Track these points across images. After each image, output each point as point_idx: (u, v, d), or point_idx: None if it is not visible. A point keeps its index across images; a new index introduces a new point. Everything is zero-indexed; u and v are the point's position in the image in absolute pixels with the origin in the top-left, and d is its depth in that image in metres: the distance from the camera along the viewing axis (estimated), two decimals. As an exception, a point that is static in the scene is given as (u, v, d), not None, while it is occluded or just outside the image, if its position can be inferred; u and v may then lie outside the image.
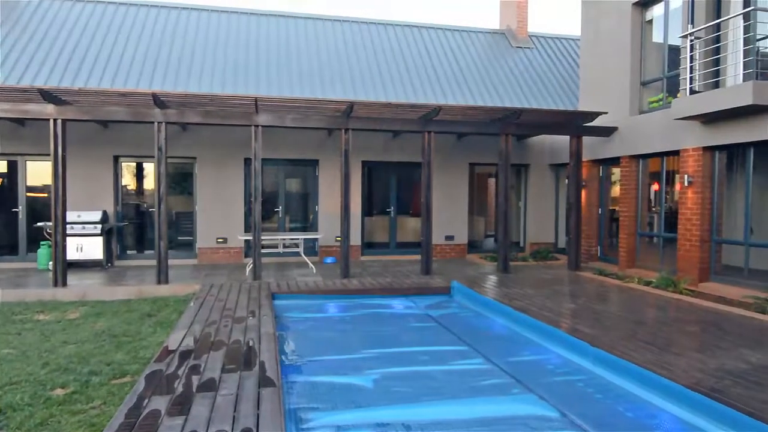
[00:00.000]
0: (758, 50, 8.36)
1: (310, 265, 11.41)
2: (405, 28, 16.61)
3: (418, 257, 12.60)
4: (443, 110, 10.21)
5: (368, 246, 13.70)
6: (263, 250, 10.50)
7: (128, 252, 12.42)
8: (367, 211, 13.79)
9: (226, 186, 12.44)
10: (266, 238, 10.90)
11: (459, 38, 16.79)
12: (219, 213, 12.43)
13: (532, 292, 8.90)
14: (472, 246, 14.41)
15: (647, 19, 11.22)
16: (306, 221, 13.54)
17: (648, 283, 9.57)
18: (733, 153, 9.24)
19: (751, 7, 8.24)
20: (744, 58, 8.33)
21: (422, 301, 8.89)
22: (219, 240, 12.48)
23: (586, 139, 12.05)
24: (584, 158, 12.28)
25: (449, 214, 13.76)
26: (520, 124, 11.20)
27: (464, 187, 13.96)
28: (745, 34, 8.34)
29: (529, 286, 9.43)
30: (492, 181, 15.06)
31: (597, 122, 11.75)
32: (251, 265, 10.09)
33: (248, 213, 12.40)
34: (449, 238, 13.82)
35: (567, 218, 12.10)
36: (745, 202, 8.79)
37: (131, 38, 13.75)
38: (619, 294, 8.88)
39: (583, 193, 12.47)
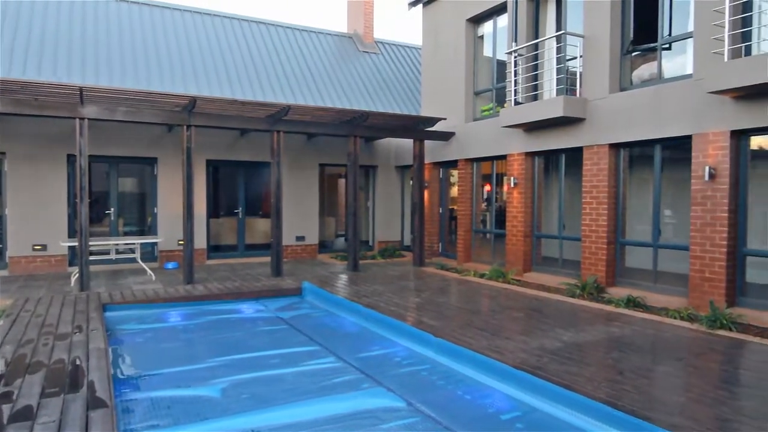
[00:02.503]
0: (568, 69, 9.64)
1: (149, 271, 10.54)
2: (252, 24, 16.14)
3: (268, 259, 12.35)
4: (292, 110, 10.13)
5: (215, 249, 13.07)
6: (92, 257, 9.46)
7: None
8: (213, 212, 13.14)
9: (44, 186, 10.93)
10: (95, 243, 9.81)
11: (308, 39, 16.79)
12: (36, 216, 10.87)
13: (380, 288, 9.22)
14: (324, 246, 14.52)
15: (479, 35, 12.30)
16: (143, 224, 12.48)
17: (482, 276, 10.49)
18: (549, 158, 10.52)
19: (562, 31, 9.47)
20: (557, 75, 9.54)
21: (273, 304, 8.72)
22: (36, 247, 10.93)
23: (428, 143, 12.83)
24: (427, 161, 13.07)
25: (300, 215, 13.69)
26: (368, 126, 11.54)
27: (314, 188, 14.00)
28: (557, 54, 9.56)
29: (378, 283, 9.77)
30: (342, 181, 15.33)
31: (437, 127, 12.58)
32: (77, 275, 9.02)
33: (73, 216, 11.06)
34: (300, 238, 13.75)
35: (412, 217, 12.76)
36: (558, 201, 10.07)
37: None
38: (457, 286, 9.60)
39: (426, 193, 13.27)
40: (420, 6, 13.79)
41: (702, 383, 4.65)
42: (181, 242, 11.11)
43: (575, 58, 9.39)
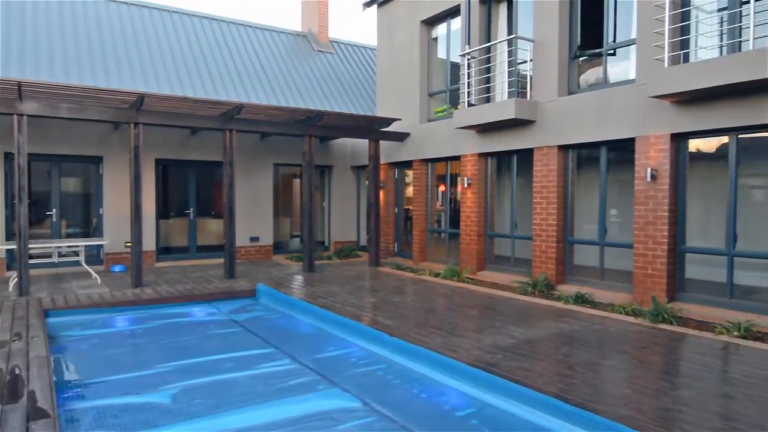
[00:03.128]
0: (519, 72, 9.88)
1: (94, 275, 10.11)
2: (203, 20, 15.76)
3: (221, 261, 12.10)
4: (245, 109, 9.95)
5: (165, 251, 12.69)
6: (32, 261, 9.01)
7: None
8: (163, 213, 12.75)
9: (-21, 185, 10.33)
10: (36, 246, 9.33)
11: (261, 37, 16.53)
12: (-31, 218, 10.27)
13: (336, 289, 9.19)
14: (278, 247, 14.33)
15: (433, 37, 12.44)
16: (88, 226, 11.97)
17: (437, 275, 10.61)
18: (502, 159, 10.76)
19: (513, 35, 9.70)
20: (509, 78, 9.76)
21: (226, 306, 8.54)
22: (-30, 251, 10.32)
23: (384, 143, 12.88)
24: (382, 161, 13.12)
25: (254, 215, 13.46)
26: (323, 126, 11.48)
27: (269, 188, 13.80)
28: (509, 57, 9.79)
29: (334, 284, 9.73)
30: (297, 181, 15.18)
31: (393, 128, 12.64)
32: (15, 279, 8.56)
33: (11, 217, 10.49)
34: (254, 239, 13.53)
35: (368, 217, 12.77)
36: (510, 201, 10.31)
37: None
38: (413, 286, 9.68)
39: (382, 193, 13.31)
40: (375, 6, 13.82)
41: (646, 375, 4.86)
42: (129, 244, 10.73)
43: (526, 61, 9.64)
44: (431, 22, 12.31)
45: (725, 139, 7.08)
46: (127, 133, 10.89)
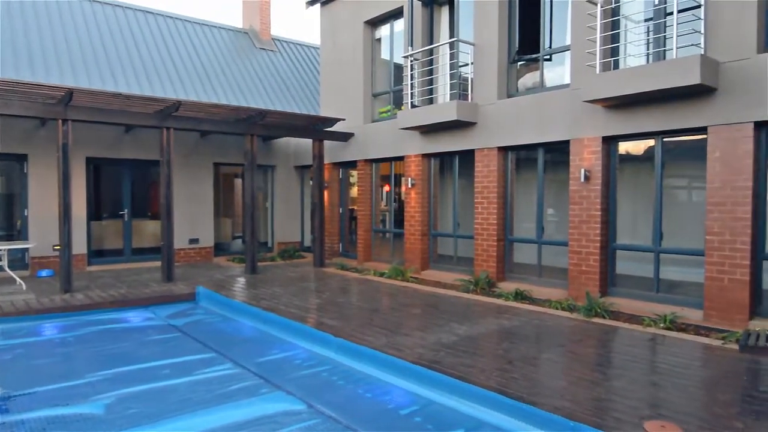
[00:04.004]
0: (460, 75, 10.08)
1: (18, 280, 9.48)
2: (138, 13, 15.12)
3: (158, 264, 11.66)
4: (184, 106, 9.63)
5: (97, 254, 12.08)
6: (-53, 267, 8.35)
7: None
8: (95, 214, 12.13)
9: None
10: (-48, 250, 8.66)
11: (200, 32, 16.06)
12: None
13: (280, 290, 9.05)
14: (220, 248, 13.96)
15: (377, 38, 12.49)
16: (11, 228, 11.22)
17: (382, 275, 10.66)
18: (445, 159, 10.94)
19: (455, 38, 9.88)
20: (450, 81, 9.94)
21: (164, 311, 8.24)
22: None
23: (328, 143, 12.81)
24: (326, 161, 13.04)
25: (193, 216, 13.04)
26: (266, 125, 11.28)
27: (209, 188, 13.40)
28: (450, 60, 9.96)
29: (277, 285, 9.58)
30: (239, 181, 14.83)
31: (337, 128, 12.59)
32: (-72, 287, 7.92)
33: None
34: (194, 241, 13.11)
35: (312, 218, 12.66)
36: (453, 201, 10.50)
37: None
38: (358, 286, 9.68)
39: (326, 193, 13.23)
40: (318, 6, 13.72)
41: (580, 367, 5.08)
42: (57, 247, 10.15)
43: (467, 64, 9.85)
44: (375, 23, 12.35)
45: (652, 142, 7.50)
46: (55, 129, 10.29)
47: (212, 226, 13.48)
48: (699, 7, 6.64)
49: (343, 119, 12.27)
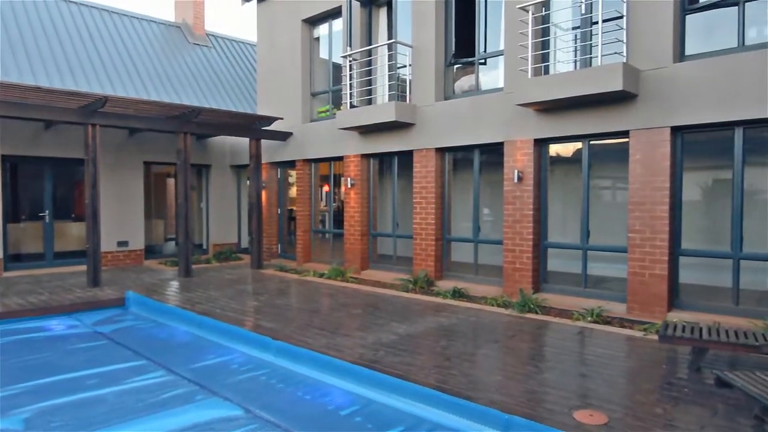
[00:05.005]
0: (399, 76, 10.17)
1: (-77, 288, 8.71)
2: (61, 3, 14.23)
3: (83, 268, 11.02)
4: (111, 102, 9.17)
5: (15, 259, 11.27)
6: None
7: None
8: (12, 216, 11.31)
9: None
10: None
11: (129, 24, 15.32)
12: None
13: (215, 294, 8.80)
14: (151, 251, 13.39)
15: (315, 37, 12.39)
16: None
17: (321, 275, 10.59)
18: (384, 160, 11.00)
19: (393, 40, 9.97)
20: (389, 82, 10.01)
21: (90, 318, 7.80)
22: None
23: (265, 143, 12.57)
24: (264, 161, 12.79)
25: (122, 218, 12.42)
26: (200, 123, 10.93)
27: (139, 188, 12.81)
28: (389, 61, 10.04)
29: (213, 288, 9.31)
30: (171, 181, 14.29)
31: (275, 127, 12.38)
32: None
33: None
34: (122, 243, 12.49)
35: (249, 218, 12.39)
36: (392, 201, 10.58)
37: None
38: (297, 287, 9.56)
39: (264, 194, 12.98)
40: (254, 2, 13.44)
41: (514, 362, 5.26)
42: (-32, 252, 9.39)
43: (406, 66, 9.95)
44: (313, 22, 12.24)
45: (579, 144, 7.87)
46: (-36, 125, 9.54)
47: (143, 227, 12.90)
48: (622, 17, 7.04)
49: (281, 118, 12.09)
